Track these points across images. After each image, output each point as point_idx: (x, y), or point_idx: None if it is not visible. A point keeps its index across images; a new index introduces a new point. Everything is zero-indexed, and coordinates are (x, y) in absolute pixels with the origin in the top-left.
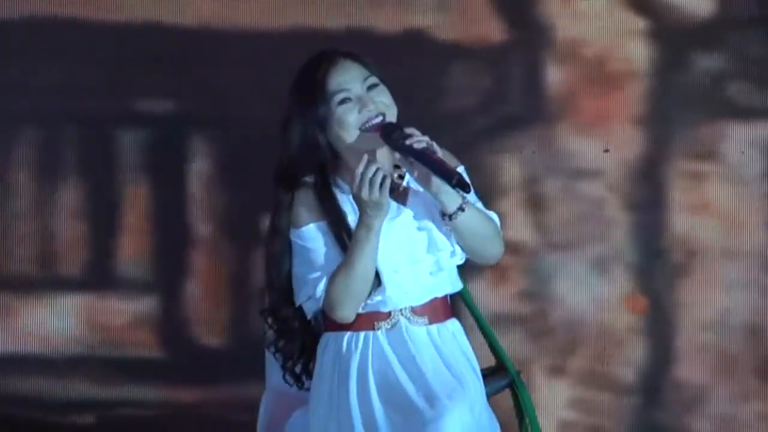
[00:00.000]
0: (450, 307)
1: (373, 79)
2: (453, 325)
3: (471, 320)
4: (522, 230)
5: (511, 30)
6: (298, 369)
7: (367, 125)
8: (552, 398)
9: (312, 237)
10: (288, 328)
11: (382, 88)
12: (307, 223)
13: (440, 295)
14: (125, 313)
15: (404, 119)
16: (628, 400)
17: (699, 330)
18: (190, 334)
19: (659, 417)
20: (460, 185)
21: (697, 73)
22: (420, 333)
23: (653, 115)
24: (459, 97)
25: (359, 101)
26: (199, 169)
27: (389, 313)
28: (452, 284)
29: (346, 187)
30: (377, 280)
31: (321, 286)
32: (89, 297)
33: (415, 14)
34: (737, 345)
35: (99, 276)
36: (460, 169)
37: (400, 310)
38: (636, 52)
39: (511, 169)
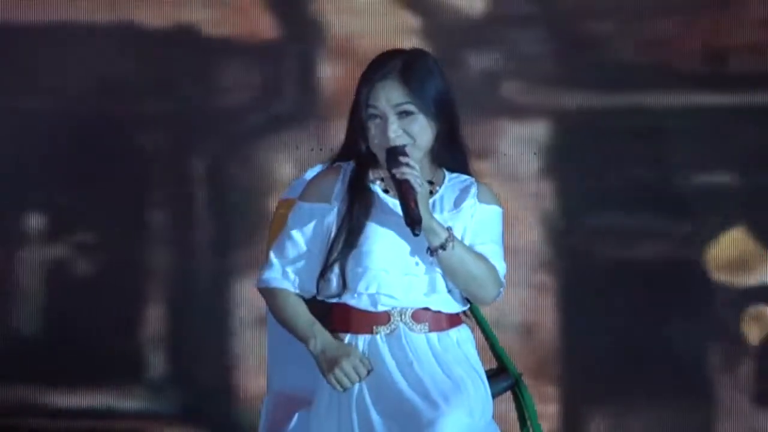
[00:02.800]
0: (457, 317)
1: (409, 107)
2: (458, 333)
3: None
4: None
5: (284, 26)
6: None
7: (387, 149)
8: None
9: (308, 215)
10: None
11: (415, 117)
12: (315, 201)
13: (434, 308)
14: None
15: (174, 117)
16: None
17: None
18: None
19: None
20: (411, 228)
21: (471, 72)
22: (419, 340)
23: None
24: (232, 93)
25: (383, 125)
26: None
27: (388, 318)
28: (451, 306)
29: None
30: (360, 269)
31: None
32: None
33: (185, 9)
34: (512, 343)
35: None
36: (496, 210)
37: (400, 315)
38: None
39: (286, 166)
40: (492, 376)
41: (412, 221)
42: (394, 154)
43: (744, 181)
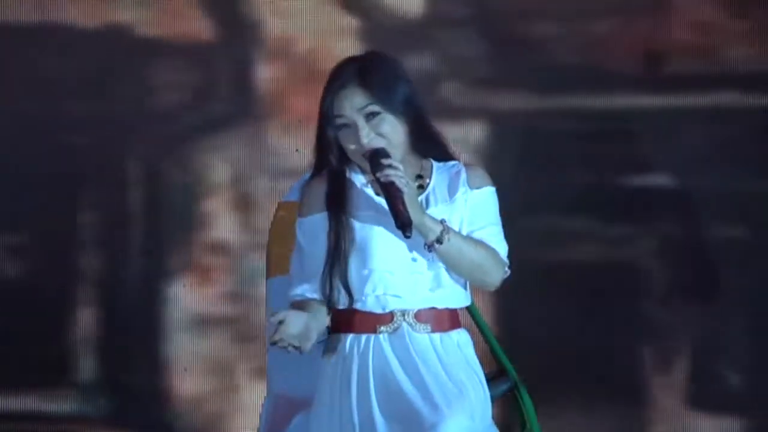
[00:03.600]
0: (458, 317)
1: (373, 108)
2: (459, 335)
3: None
4: (228, 230)
5: (219, 27)
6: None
7: (368, 158)
8: (259, 401)
9: (310, 230)
10: None
11: (382, 116)
12: (311, 213)
13: (440, 306)
14: None
15: (108, 118)
16: None
17: None
18: None
19: None
20: (401, 230)
21: (407, 73)
22: (422, 340)
23: None
24: (166, 94)
25: (353, 132)
26: None
27: (391, 317)
28: (456, 300)
29: (362, 179)
30: (366, 271)
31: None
32: None
33: (116, 9)
34: None
35: None
36: (489, 191)
37: (403, 315)
38: (346, 50)
39: (218, 167)
40: (491, 379)
41: (402, 224)
42: (377, 157)
43: (680, 183)
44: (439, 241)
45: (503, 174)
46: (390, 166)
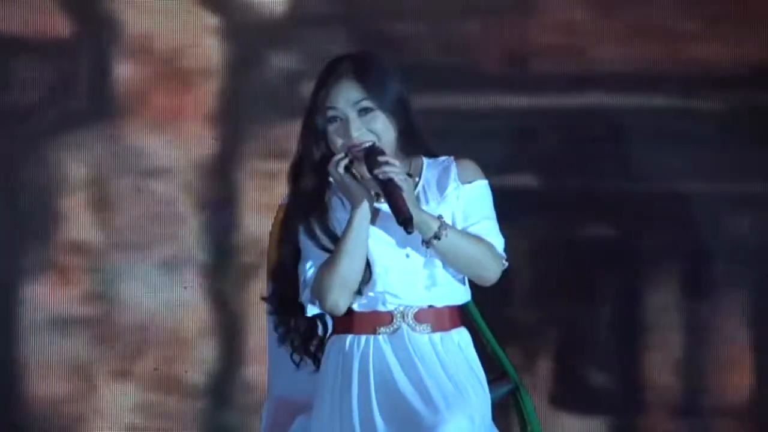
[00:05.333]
0: (458, 316)
1: (367, 103)
2: (459, 334)
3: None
4: (87, 230)
5: (77, 24)
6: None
7: (354, 150)
8: (117, 403)
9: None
10: (293, 329)
11: (375, 114)
12: (295, 235)
13: (438, 305)
14: None
15: None
16: (197, 402)
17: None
18: None
19: (228, 419)
20: (404, 226)
21: (271, 72)
22: (422, 340)
23: (226, 114)
24: (23, 92)
25: (344, 125)
26: None
27: (391, 318)
28: (454, 297)
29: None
30: (368, 273)
31: (310, 273)
32: None
33: None
34: None
35: None
36: (481, 185)
37: (402, 316)
38: (209, 49)
39: (76, 166)
40: (492, 381)
41: (404, 220)
42: (373, 155)
43: (544, 183)
44: (437, 237)
45: None
46: (387, 162)
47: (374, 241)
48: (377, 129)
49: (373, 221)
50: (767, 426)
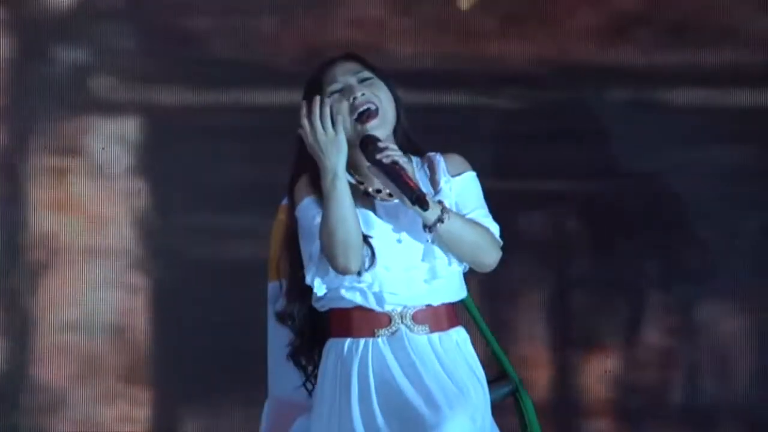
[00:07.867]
0: (455, 315)
1: (367, 74)
2: (457, 333)
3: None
4: None
5: None
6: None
7: (358, 112)
8: None
9: (306, 208)
10: (303, 331)
11: (375, 81)
12: (303, 197)
13: (435, 303)
14: None
15: None
16: None
17: (61, 330)
18: None
19: (17, 420)
20: (419, 203)
21: (59, 66)
22: (421, 341)
23: (12, 108)
24: None
25: (349, 90)
26: None
27: (389, 320)
28: (452, 293)
29: (349, 178)
30: (368, 249)
31: (316, 249)
32: None
33: None
34: (102, 346)
35: None
36: (470, 176)
37: (400, 317)
38: None
39: None
40: (492, 381)
41: (418, 197)
42: (372, 143)
43: None
44: (441, 220)
45: (162, 170)
46: (387, 147)
47: (377, 240)
48: (380, 97)
49: (373, 219)
50: None
